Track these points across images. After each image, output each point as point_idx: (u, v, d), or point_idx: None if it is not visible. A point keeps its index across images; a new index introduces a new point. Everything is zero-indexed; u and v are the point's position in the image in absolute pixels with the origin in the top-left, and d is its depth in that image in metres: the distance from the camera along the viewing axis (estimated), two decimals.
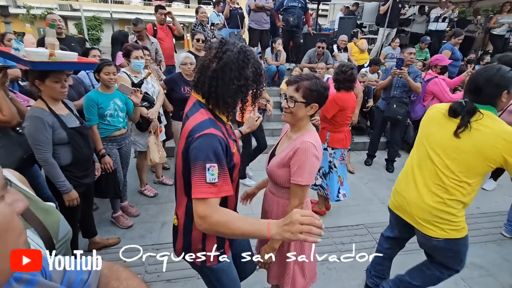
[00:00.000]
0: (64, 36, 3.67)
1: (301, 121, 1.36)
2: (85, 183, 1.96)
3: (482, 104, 1.40)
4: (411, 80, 3.68)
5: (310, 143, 1.27)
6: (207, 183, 0.96)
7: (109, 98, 2.40)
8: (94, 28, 21.93)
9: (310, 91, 1.28)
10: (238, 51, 1.04)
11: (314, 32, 6.59)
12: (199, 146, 0.99)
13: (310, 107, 1.31)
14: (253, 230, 0.93)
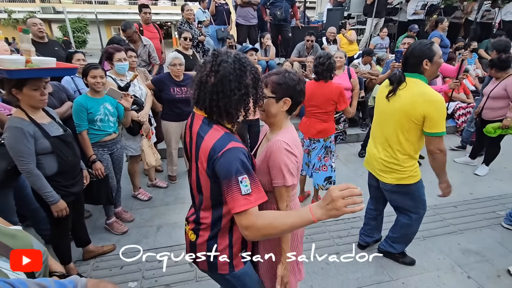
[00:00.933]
0: (47, 40, 3.55)
1: (276, 118, 1.30)
2: (73, 192, 1.90)
3: (410, 72, 1.79)
4: None
5: (281, 141, 1.21)
6: (243, 195, 0.98)
7: (98, 102, 2.34)
8: (79, 30, 21.43)
9: (278, 85, 1.25)
10: (233, 60, 1.03)
11: (303, 25, 6.54)
12: (226, 163, 1.00)
13: (283, 102, 1.27)
14: (298, 220, 0.95)
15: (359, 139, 4.98)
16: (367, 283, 2.13)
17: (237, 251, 1.21)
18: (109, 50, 2.68)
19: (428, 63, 1.74)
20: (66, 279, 0.76)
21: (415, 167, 1.94)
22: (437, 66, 1.77)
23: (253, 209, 0.99)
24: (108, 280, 2.06)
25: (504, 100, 3.44)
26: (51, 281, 0.70)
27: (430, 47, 1.73)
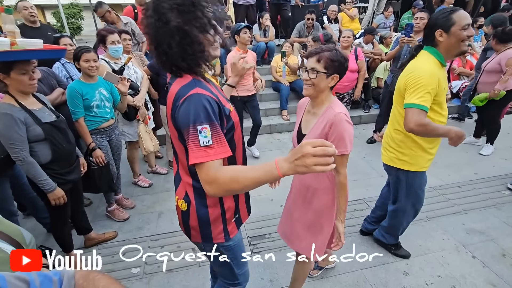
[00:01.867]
0: (39, 25, 3.43)
1: (323, 93, 1.36)
2: (70, 179, 1.86)
3: (426, 45, 1.64)
4: None
5: (342, 114, 1.30)
6: (201, 147, 0.90)
7: (93, 88, 2.26)
8: (73, 16, 20.86)
9: (331, 61, 1.29)
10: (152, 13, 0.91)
11: (302, 4, 6.30)
12: (186, 109, 0.91)
13: (331, 78, 1.32)
14: (262, 174, 0.85)
15: (361, 121, 4.91)
16: (371, 264, 2.12)
17: (230, 217, 1.18)
18: (101, 33, 2.57)
19: (443, 34, 1.51)
20: (51, 271, 0.72)
21: (415, 155, 1.75)
22: (456, 39, 1.50)
23: (212, 163, 0.90)
24: (108, 270, 2.09)
25: (498, 74, 3.34)
26: (34, 274, 0.66)
27: (447, 15, 1.49)
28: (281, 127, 4.65)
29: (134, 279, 2.07)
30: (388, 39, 5.18)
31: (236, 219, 1.21)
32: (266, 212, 2.73)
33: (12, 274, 0.65)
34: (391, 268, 2.10)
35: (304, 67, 1.37)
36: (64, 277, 0.72)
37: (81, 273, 0.74)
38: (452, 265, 2.11)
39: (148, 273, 2.10)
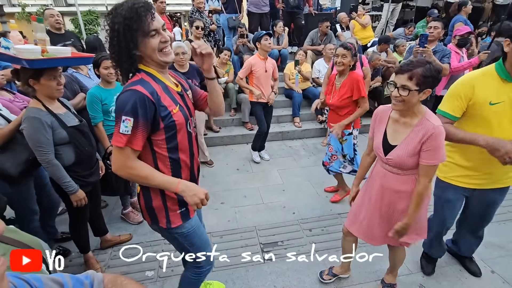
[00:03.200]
0: (64, 32, 3.57)
1: (413, 107, 1.37)
2: (90, 181, 1.92)
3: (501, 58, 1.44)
4: (435, 59, 3.15)
5: (441, 127, 1.32)
6: (119, 133, 1.05)
7: (112, 93, 2.33)
8: (90, 23, 21.55)
9: (424, 77, 1.27)
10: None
11: (316, 12, 6.35)
12: (120, 100, 1.07)
13: (423, 93, 1.31)
14: (165, 181, 1.13)
15: None
16: None
17: (172, 206, 1.27)
18: None
19: (510, 44, 1.34)
20: (82, 274, 0.75)
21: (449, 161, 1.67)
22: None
23: (126, 150, 1.07)
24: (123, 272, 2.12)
25: None
26: (67, 276, 0.69)
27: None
28: (293, 134, 4.66)
29: (148, 282, 2.09)
30: (401, 47, 5.15)
31: (182, 212, 1.30)
32: (278, 219, 2.73)
33: (47, 276, 0.69)
34: (406, 280, 2.06)
35: (393, 82, 1.36)
36: (94, 281, 0.75)
37: (109, 277, 0.77)
38: (471, 280, 2.06)
39: (162, 276, 2.12)
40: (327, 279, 2.04)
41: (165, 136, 1.15)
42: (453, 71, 3.44)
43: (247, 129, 4.63)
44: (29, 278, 0.62)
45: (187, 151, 1.25)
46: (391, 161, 1.45)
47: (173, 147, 1.19)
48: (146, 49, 1.08)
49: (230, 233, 2.55)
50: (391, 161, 1.45)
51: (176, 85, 1.26)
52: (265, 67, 3.37)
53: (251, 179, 3.47)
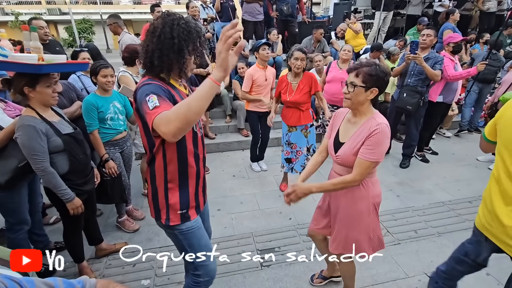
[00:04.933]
0: (48, 41, 3.55)
1: (362, 105, 1.43)
2: (86, 190, 1.90)
3: None
4: (427, 66, 3.25)
5: (385, 125, 1.37)
6: (151, 109, 1.06)
7: (108, 101, 2.34)
8: (85, 31, 21.61)
9: (370, 76, 1.36)
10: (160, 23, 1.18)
11: (309, 20, 6.46)
12: (140, 93, 1.12)
13: (370, 92, 1.39)
14: (203, 90, 1.01)
15: None
16: (383, 280, 2.09)
17: (174, 205, 1.31)
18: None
19: None
20: (75, 279, 0.75)
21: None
22: None
23: (161, 113, 1.03)
24: (119, 281, 2.09)
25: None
26: (59, 280, 0.69)
27: None
28: None
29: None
30: (395, 56, 5.25)
31: (182, 214, 1.34)
32: (275, 225, 2.73)
33: (40, 279, 0.69)
34: (403, 284, 2.07)
35: (345, 82, 1.46)
36: (86, 285, 0.75)
37: (102, 283, 0.77)
38: (466, 283, 2.05)
39: (158, 285, 2.10)
40: (318, 283, 2.06)
41: None
42: (451, 79, 3.51)
43: (243, 135, 4.64)
44: (22, 280, 0.61)
45: (192, 151, 1.31)
46: (339, 158, 1.50)
47: (181, 146, 1.26)
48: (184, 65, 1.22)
49: (227, 240, 2.54)
50: (339, 158, 1.50)
51: (185, 87, 1.38)
52: (265, 76, 3.40)
53: (247, 185, 3.47)
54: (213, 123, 4.89)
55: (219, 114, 5.04)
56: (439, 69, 3.32)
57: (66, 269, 2.24)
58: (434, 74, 3.29)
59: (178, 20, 1.18)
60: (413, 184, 3.41)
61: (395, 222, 2.73)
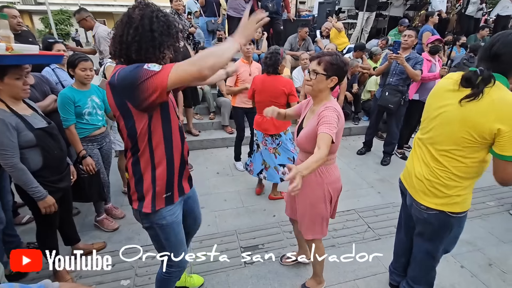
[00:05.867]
0: (20, 32, 3.34)
1: (322, 92, 1.51)
2: (61, 187, 1.81)
3: (497, 72, 1.28)
4: (408, 66, 3.35)
5: (332, 107, 1.45)
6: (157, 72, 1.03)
7: (86, 95, 2.24)
8: (62, 22, 20.68)
9: (331, 64, 1.43)
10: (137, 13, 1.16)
11: (294, 18, 6.48)
12: (129, 69, 1.07)
13: (330, 80, 1.46)
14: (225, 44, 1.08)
15: (351, 132, 5.01)
16: (364, 275, 2.14)
17: (160, 188, 1.30)
18: None
19: None
20: (35, 284, 0.70)
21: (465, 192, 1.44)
22: None
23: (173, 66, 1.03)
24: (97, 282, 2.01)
25: None
26: (16, 286, 0.65)
27: None
28: None
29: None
30: (378, 56, 5.38)
31: (167, 196, 1.33)
32: (258, 222, 2.72)
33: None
34: (383, 278, 2.12)
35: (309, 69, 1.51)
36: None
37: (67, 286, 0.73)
38: (442, 275, 2.14)
39: (139, 285, 2.04)
40: (286, 262, 2.20)
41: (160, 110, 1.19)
42: (422, 79, 3.63)
43: (227, 132, 4.60)
44: None
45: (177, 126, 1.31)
46: (298, 141, 1.60)
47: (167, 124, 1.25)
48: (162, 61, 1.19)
49: (210, 238, 2.50)
50: (298, 141, 1.60)
51: None
52: (250, 71, 3.38)
53: (231, 182, 3.44)
54: (203, 119, 4.82)
55: (203, 111, 4.97)
56: (420, 69, 3.43)
57: (39, 272, 2.13)
58: (414, 74, 3.39)
59: (157, 13, 1.14)
60: (393, 181, 3.50)
61: (376, 218, 2.79)
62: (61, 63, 2.62)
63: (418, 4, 8.07)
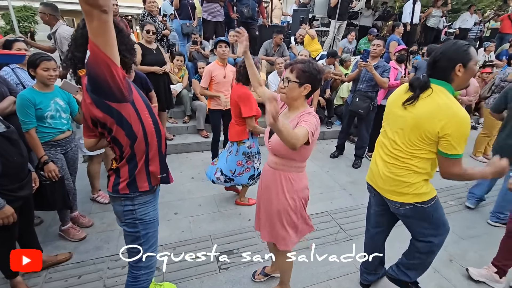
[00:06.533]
0: None
1: (296, 100, 1.50)
2: (21, 196, 1.69)
3: (438, 79, 1.46)
4: (376, 73, 3.53)
5: (311, 114, 1.45)
6: None
7: (48, 97, 2.12)
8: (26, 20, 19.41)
9: (303, 72, 1.43)
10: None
11: (269, 24, 6.58)
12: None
13: (304, 87, 1.45)
14: None
15: (325, 136, 5.16)
16: (336, 275, 2.19)
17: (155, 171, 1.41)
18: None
19: (462, 68, 1.40)
20: None
21: (425, 183, 1.60)
22: (470, 75, 1.43)
23: None
24: None
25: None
26: None
27: (467, 49, 1.40)
28: None
29: None
30: (348, 62, 5.62)
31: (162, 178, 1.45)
32: (233, 227, 2.71)
33: None
34: (354, 278, 2.19)
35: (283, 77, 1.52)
36: None
37: None
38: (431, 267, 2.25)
39: None
40: (259, 279, 2.12)
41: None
42: (389, 86, 3.84)
43: (202, 136, 4.55)
44: None
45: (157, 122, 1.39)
46: (271, 144, 1.58)
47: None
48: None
49: (184, 244, 2.45)
50: (271, 145, 1.58)
51: None
52: (224, 73, 3.37)
53: (206, 187, 3.40)
54: (177, 122, 4.73)
55: (178, 114, 4.88)
56: (387, 76, 3.62)
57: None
58: (382, 82, 3.57)
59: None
60: (364, 183, 3.56)
61: (348, 219, 2.89)
62: (22, 63, 2.46)
63: (385, 15, 8.54)
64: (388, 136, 1.65)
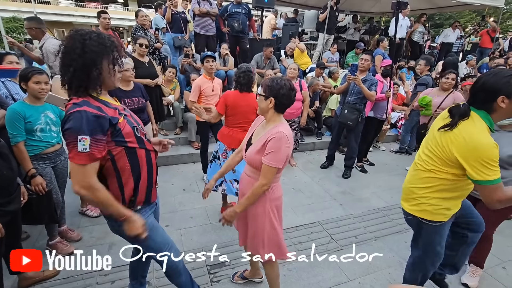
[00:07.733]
0: None
1: (266, 113, 1.62)
2: (9, 210, 1.66)
3: (477, 108, 1.43)
4: (364, 87, 3.63)
5: (284, 134, 1.52)
6: (79, 152, 1.14)
7: (38, 110, 2.12)
8: (15, 31, 19.26)
9: (267, 86, 1.58)
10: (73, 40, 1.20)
11: (260, 38, 6.74)
12: (72, 123, 1.13)
13: (269, 101, 1.57)
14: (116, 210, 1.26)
15: (315, 147, 5.24)
16: (328, 285, 2.21)
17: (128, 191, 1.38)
18: None
19: (506, 99, 1.34)
20: None
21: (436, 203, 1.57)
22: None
23: (87, 167, 1.16)
24: None
25: None
26: None
27: (509, 80, 1.34)
28: None
29: None
30: (335, 74, 5.79)
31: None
32: (225, 238, 2.70)
33: None
34: None
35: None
36: None
37: None
38: (399, 281, 2.29)
39: None
40: (238, 281, 2.19)
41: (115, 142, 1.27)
42: (376, 99, 3.96)
43: (194, 148, 4.56)
44: None
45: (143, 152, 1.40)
46: (247, 157, 1.68)
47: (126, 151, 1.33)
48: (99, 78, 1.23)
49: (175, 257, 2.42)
50: (247, 158, 1.68)
51: (115, 99, 1.42)
52: (212, 87, 3.44)
53: (197, 199, 3.39)
54: (169, 134, 4.74)
55: (169, 126, 4.89)
56: (374, 90, 3.74)
57: None
58: (370, 95, 3.68)
59: (90, 34, 1.19)
60: (354, 193, 3.70)
61: (338, 229, 2.92)
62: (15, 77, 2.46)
63: (372, 30, 8.87)
64: (418, 153, 1.70)
